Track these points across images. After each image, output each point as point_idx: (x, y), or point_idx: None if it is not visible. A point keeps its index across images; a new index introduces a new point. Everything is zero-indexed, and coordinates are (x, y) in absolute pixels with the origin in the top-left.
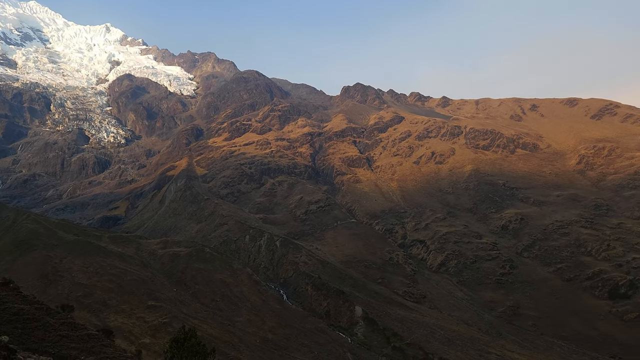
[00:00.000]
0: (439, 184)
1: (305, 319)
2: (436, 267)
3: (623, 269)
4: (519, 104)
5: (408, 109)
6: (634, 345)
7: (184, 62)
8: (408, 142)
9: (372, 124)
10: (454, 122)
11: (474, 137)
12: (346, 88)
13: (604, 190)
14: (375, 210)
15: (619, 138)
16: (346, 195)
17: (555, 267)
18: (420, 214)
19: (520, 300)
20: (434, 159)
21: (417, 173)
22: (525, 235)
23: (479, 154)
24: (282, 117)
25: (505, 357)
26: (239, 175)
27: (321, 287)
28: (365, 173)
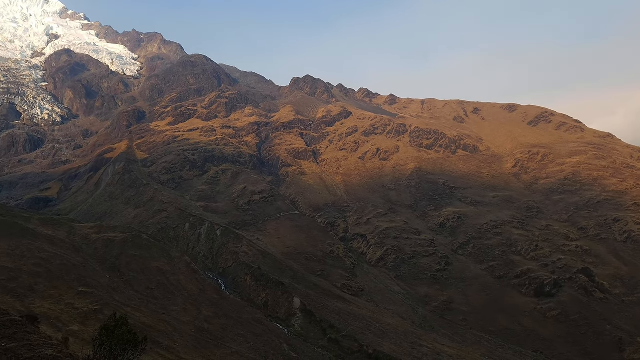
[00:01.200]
0: (382, 180)
1: (243, 309)
2: (375, 262)
3: (549, 268)
4: (462, 106)
5: (356, 104)
6: (555, 340)
7: (128, 41)
8: (354, 137)
9: (320, 117)
10: (400, 120)
11: (418, 136)
12: (295, 79)
13: (535, 193)
14: (319, 203)
15: (552, 144)
16: (290, 187)
17: (487, 265)
18: (363, 209)
19: (454, 296)
20: (378, 156)
21: (361, 168)
22: (462, 233)
23: (422, 152)
24: (229, 104)
25: (436, 349)
26: (182, 162)
27: (261, 277)
28: (311, 166)
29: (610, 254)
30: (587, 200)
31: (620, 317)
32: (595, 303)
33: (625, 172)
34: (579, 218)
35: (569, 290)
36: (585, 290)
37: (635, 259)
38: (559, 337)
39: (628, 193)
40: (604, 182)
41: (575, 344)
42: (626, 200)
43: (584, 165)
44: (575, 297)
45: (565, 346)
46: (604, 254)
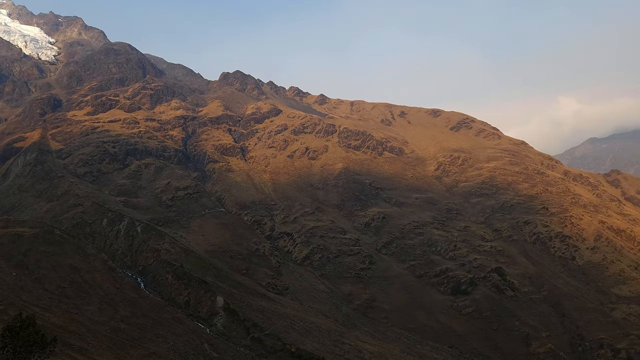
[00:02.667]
0: (310, 179)
1: (163, 308)
2: (301, 260)
3: (465, 267)
4: (390, 109)
5: (286, 102)
6: (468, 336)
7: (44, 23)
8: (284, 135)
9: (250, 113)
10: (329, 120)
11: (347, 136)
12: (225, 74)
13: (455, 195)
14: (246, 201)
15: (472, 150)
16: (217, 183)
17: (409, 264)
18: (290, 207)
19: (376, 294)
20: (307, 155)
21: (290, 167)
22: (386, 233)
23: (350, 153)
24: (154, 96)
25: (358, 347)
26: (101, 154)
27: (183, 276)
28: (239, 162)
29: (520, 254)
30: (501, 204)
31: (527, 314)
32: (506, 300)
33: (536, 178)
34: (494, 220)
35: (483, 289)
36: (498, 288)
37: (542, 258)
38: (473, 332)
39: (538, 197)
40: (517, 186)
41: (487, 339)
42: (536, 204)
43: (499, 171)
44: (488, 295)
45: (478, 341)
46: (515, 254)
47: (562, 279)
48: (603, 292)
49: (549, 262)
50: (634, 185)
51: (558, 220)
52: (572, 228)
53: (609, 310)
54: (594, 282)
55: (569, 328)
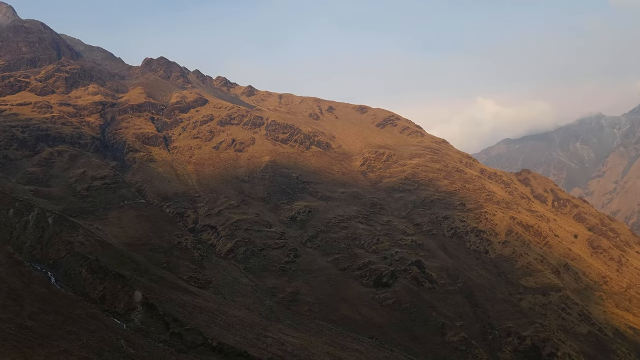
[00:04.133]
0: (237, 172)
1: (76, 304)
2: (225, 253)
3: (387, 260)
4: (318, 104)
5: (213, 92)
6: (388, 327)
7: None
8: (210, 126)
9: (174, 102)
10: (257, 112)
11: (275, 129)
12: (148, 60)
13: (379, 191)
14: (168, 193)
15: (396, 146)
16: (137, 173)
17: (333, 257)
18: (215, 200)
19: (300, 287)
20: (234, 147)
21: (215, 158)
22: (311, 226)
23: (278, 146)
24: (69, 79)
25: (281, 340)
26: (8, 139)
27: (98, 270)
28: (161, 152)
29: (438, 248)
30: (422, 199)
31: (444, 305)
32: (425, 292)
33: (455, 175)
34: (415, 215)
35: (403, 281)
36: (417, 280)
37: (459, 252)
38: (393, 323)
39: (456, 194)
40: (438, 183)
41: (406, 329)
42: (454, 200)
43: (421, 167)
44: (408, 287)
45: (397, 332)
46: (433, 248)
47: (476, 272)
48: (512, 284)
49: (465, 255)
50: (542, 184)
51: (474, 216)
52: (486, 223)
53: (517, 300)
54: (504, 274)
55: (481, 318)
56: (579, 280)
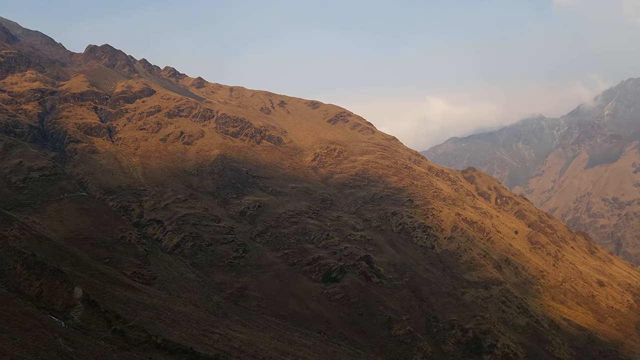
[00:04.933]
0: (185, 165)
1: (9, 301)
2: (171, 249)
3: (337, 256)
4: (270, 98)
5: (161, 83)
6: (336, 321)
7: None
8: (157, 117)
9: (119, 92)
10: (207, 104)
11: (225, 122)
12: (92, 47)
13: (330, 186)
14: (112, 186)
15: (347, 142)
16: (79, 165)
17: (282, 253)
18: (161, 194)
19: (248, 283)
20: (182, 139)
21: (163, 151)
22: (260, 221)
23: (228, 140)
24: (5, 64)
25: (228, 335)
26: None
27: (34, 265)
28: (105, 144)
29: (387, 243)
30: (372, 195)
31: (391, 299)
32: (372, 287)
33: (404, 172)
34: (364, 211)
35: (352, 276)
36: (365, 275)
37: (406, 247)
38: (341, 318)
39: (405, 190)
40: (387, 179)
41: (353, 324)
42: (403, 196)
43: (372, 164)
44: (356, 282)
45: (345, 326)
46: (382, 243)
47: (423, 266)
48: (456, 278)
49: (412, 251)
50: (486, 182)
51: (421, 212)
52: (433, 219)
53: (461, 294)
54: (449, 268)
55: (426, 311)
56: (518, 275)
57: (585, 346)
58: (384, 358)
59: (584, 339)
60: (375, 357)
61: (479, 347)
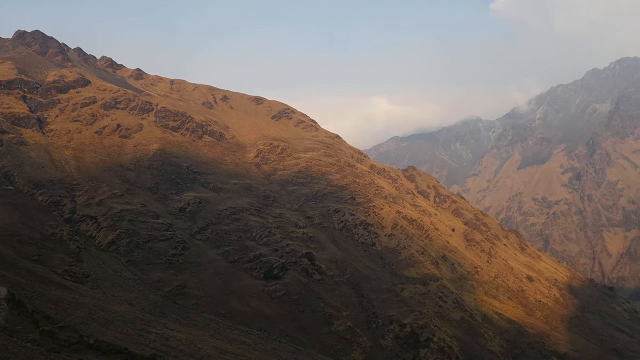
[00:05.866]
0: (121, 159)
1: None
2: (106, 246)
3: (278, 253)
4: (212, 92)
5: (97, 73)
6: (278, 318)
7: None
8: (92, 109)
9: (51, 81)
10: (146, 97)
11: (165, 116)
12: (21, 33)
13: (273, 183)
14: (42, 179)
15: (291, 139)
16: (5, 157)
17: (223, 250)
18: (96, 189)
19: (188, 280)
20: (119, 132)
21: (98, 144)
22: (201, 218)
23: (168, 134)
24: None
25: (165, 335)
26: None
27: None
28: (34, 135)
29: (329, 240)
30: (315, 192)
31: (332, 295)
32: (314, 284)
33: (346, 170)
34: (307, 208)
35: (294, 273)
36: (307, 272)
37: (347, 244)
38: (282, 315)
39: (347, 188)
40: (330, 177)
41: (294, 320)
42: (345, 194)
43: (315, 161)
44: (297, 279)
45: (286, 323)
46: (324, 240)
47: (363, 263)
48: (395, 274)
49: (353, 248)
50: (426, 181)
51: (363, 210)
52: (374, 217)
53: (400, 290)
54: (389, 265)
55: (366, 307)
56: (454, 271)
57: (515, 338)
58: (324, 354)
59: (514, 332)
60: (315, 353)
61: (416, 342)
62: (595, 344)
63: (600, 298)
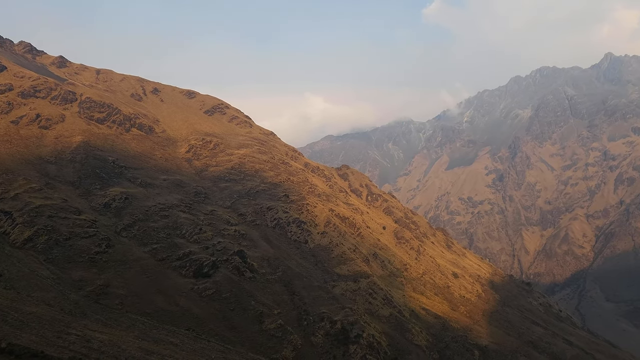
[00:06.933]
0: (41, 152)
1: None
2: (21, 243)
3: (209, 250)
4: (142, 84)
5: (14, 59)
6: (207, 317)
7: None
8: (8, 97)
9: None
10: (69, 86)
11: (90, 107)
12: None
13: (204, 179)
14: None
15: (224, 135)
16: None
17: (151, 247)
18: (11, 182)
19: (112, 279)
20: (38, 123)
21: (14, 135)
22: (127, 214)
23: (93, 126)
24: None
25: (86, 336)
26: None
27: None
28: None
29: (261, 238)
30: (248, 190)
31: (263, 293)
32: (245, 282)
33: (280, 167)
34: (240, 205)
35: (225, 271)
36: (238, 270)
37: (280, 242)
38: (211, 314)
39: (281, 186)
40: (264, 174)
41: (224, 319)
42: (279, 191)
43: (249, 158)
44: (229, 277)
45: (216, 322)
46: (256, 238)
47: (296, 261)
48: (327, 272)
49: (286, 245)
50: (358, 179)
51: (296, 207)
52: (307, 215)
53: (331, 287)
54: (321, 263)
55: (297, 305)
56: (384, 268)
57: (440, 333)
58: (255, 352)
59: (439, 326)
60: (245, 352)
61: (346, 338)
62: (513, 336)
63: (518, 293)
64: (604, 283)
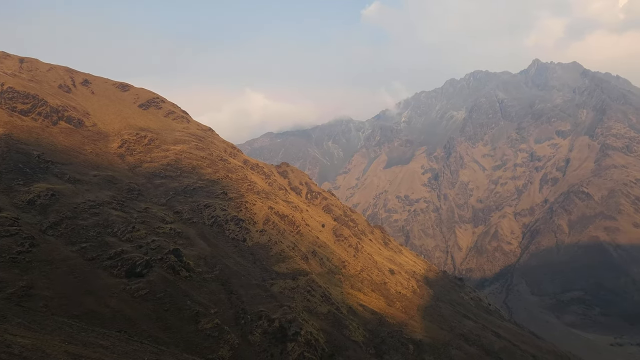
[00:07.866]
0: None
1: None
2: None
3: (143, 249)
4: (71, 75)
5: None
6: (140, 318)
7: None
8: None
9: None
10: None
11: (12, 98)
12: None
13: (138, 176)
14: None
15: (160, 130)
16: None
17: (79, 247)
18: None
19: (36, 281)
20: None
21: None
22: (54, 212)
23: (15, 118)
24: None
25: (7, 341)
26: None
27: None
28: None
29: (198, 236)
30: (184, 187)
31: (199, 293)
32: (181, 281)
33: (219, 164)
34: (175, 202)
35: (159, 270)
36: (174, 269)
37: (218, 240)
38: (145, 315)
39: (219, 183)
40: (201, 171)
41: (159, 320)
42: (217, 189)
43: (185, 154)
44: (163, 276)
45: (149, 323)
46: (193, 236)
47: (234, 259)
48: (266, 270)
49: (224, 244)
50: (298, 177)
51: (235, 205)
52: (246, 212)
53: (269, 285)
54: (259, 261)
55: (235, 304)
56: (323, 265)
57: (376, 328)
58: (190, 353)
59: (376, 322)
60: (180, 353)
61: (284, 336)
62: (446, 330)
63: (451, 288)
64: (529, 277)
